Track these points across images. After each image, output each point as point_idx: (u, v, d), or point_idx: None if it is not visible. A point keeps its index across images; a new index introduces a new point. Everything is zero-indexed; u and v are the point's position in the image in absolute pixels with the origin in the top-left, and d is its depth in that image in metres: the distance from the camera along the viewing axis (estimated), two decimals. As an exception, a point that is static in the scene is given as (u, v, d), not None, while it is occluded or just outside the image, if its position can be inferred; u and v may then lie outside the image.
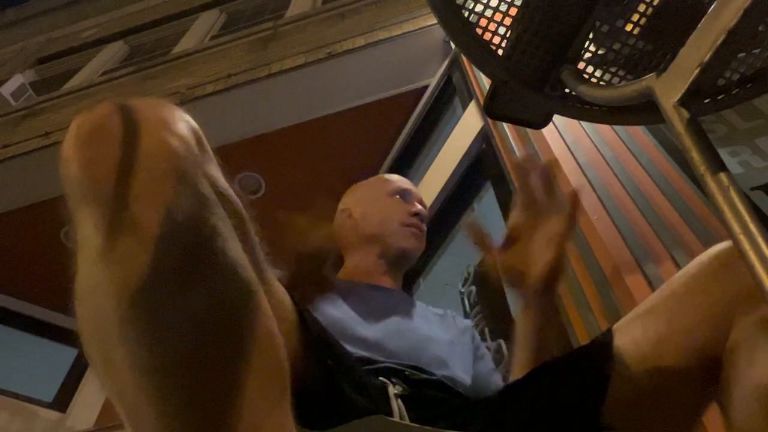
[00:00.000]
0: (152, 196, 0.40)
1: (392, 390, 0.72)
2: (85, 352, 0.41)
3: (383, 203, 1.17)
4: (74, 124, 0.44)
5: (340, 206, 1.23)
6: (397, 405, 0.70)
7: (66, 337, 3.36)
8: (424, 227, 1.17)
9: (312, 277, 0.86)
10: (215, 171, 0.48)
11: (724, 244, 0.64)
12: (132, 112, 0.44)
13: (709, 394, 0.63)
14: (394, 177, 1.26)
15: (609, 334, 0.69)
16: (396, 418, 0.68)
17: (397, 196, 1.18)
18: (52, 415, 3.12)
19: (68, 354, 3.36)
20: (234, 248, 0.43)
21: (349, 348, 0.79)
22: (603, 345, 0.69)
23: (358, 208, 1.19)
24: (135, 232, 0.39)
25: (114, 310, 0.38)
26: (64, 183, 0.43)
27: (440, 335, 0.99)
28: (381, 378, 0.76)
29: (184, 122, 0.47)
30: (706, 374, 0.61)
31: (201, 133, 0.48)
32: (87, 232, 0.41)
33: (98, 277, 0.39)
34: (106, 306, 0.38)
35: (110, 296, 0.38)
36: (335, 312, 0.92)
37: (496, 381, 1.02)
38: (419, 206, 1.18)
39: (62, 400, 3.19)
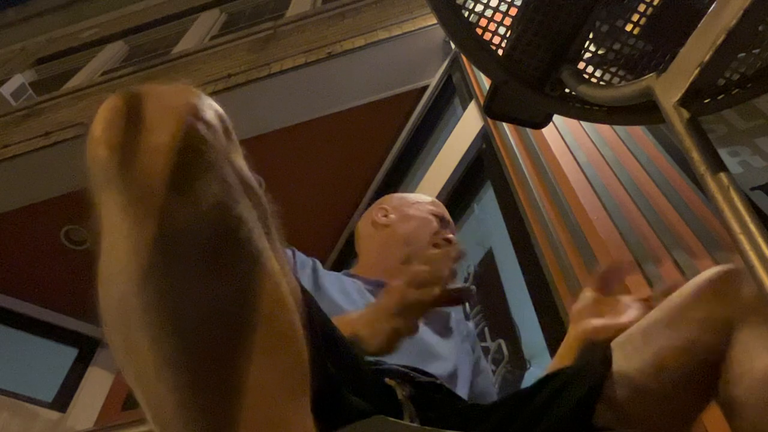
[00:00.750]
0: (179, 183, 0.40)
1: (401, 392, 0.72)
2: (106, 337, 0.40)
3: (423, 217, 1.21)
4: (104, 107, 0.43)
5: (379, 204, 1.27)
6: (408, 407, 0.70)
7: (66, 337, 3.37)
8: None
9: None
10: (241, 160, 0.47)
11: (719, 267, 0.65)
12: (161, 97, 0.44)
13: (708, 395, 0.64)
14: (441, 204, 1.30)
15: (608, 348, 0.70)
16: (407, 421, 0.68)
17: (438, 220, 1.21)
18: (52, 415, 3.12)
19: (68, 354, 3.36)
20: (259, 239, 0.42)
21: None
22: (602, 356, 0.69)
23: (398, 211, 1.22)
24: (160, 218, 0.39)
25: (137, 295, 0.38)
26: (91, 165, 0.43)
27: (443, 346, 1.00)
28: (387, 379, 0.76)
29: (212, 109, 0.46)
30: (706, 378, 0.62)
31: (228, 121, 0.48)
32: (112, 215, 0.41)
33: (122, 261, 0.39)
34: (130, 291, 0.38)
35: (134, 281, 0.38)
36: (348, 307, 0.94)
37: (492, 397, 1.03)
38: (453, 237, 1.21)
39: (62, 400, 3.19)
